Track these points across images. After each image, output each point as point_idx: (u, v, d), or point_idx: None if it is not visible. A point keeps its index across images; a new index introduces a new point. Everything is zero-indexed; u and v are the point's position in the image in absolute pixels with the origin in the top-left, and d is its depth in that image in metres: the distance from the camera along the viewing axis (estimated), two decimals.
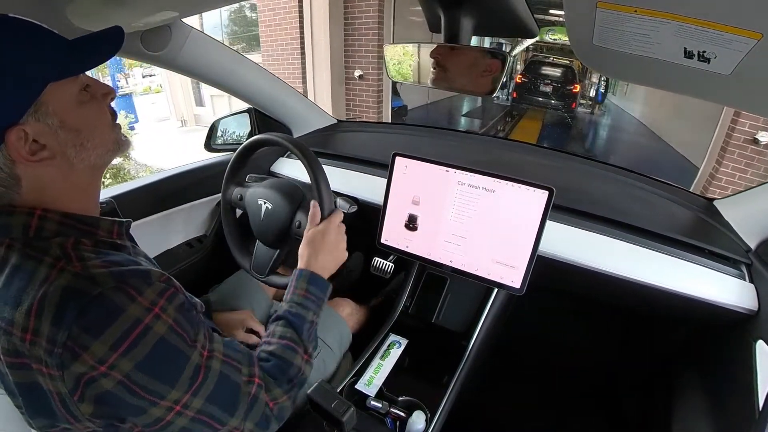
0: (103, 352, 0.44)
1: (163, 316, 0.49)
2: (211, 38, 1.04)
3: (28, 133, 0.48)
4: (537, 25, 0.81)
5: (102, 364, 0.44)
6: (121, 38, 0.56)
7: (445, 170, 0.92)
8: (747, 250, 0.88)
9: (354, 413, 0.66)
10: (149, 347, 0.47)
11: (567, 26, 0.53)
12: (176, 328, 0.50)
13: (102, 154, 0.56)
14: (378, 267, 1.04)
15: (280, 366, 0.64)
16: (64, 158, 0.52)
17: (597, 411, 1.29)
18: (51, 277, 0.46)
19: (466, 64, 0.77)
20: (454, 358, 0.93)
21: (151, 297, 0.48)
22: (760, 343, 0.75)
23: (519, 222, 0.86)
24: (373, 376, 0.88)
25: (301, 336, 0.69)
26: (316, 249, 0.79)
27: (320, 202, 0.84)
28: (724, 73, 0.43)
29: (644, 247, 0.88)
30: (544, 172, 1.15)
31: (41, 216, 0.50)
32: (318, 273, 0.76)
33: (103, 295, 0.45)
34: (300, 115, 1.42)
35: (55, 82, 0.49)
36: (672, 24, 0.39)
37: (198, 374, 0.51)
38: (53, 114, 0.50)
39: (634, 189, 1.10)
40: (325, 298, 0.76)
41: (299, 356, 0.67)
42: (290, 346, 0.67)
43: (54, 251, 0.48)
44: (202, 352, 0.53)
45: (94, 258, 0.49)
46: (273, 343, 0.67)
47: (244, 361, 0.59)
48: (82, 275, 0.46)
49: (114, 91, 0.59)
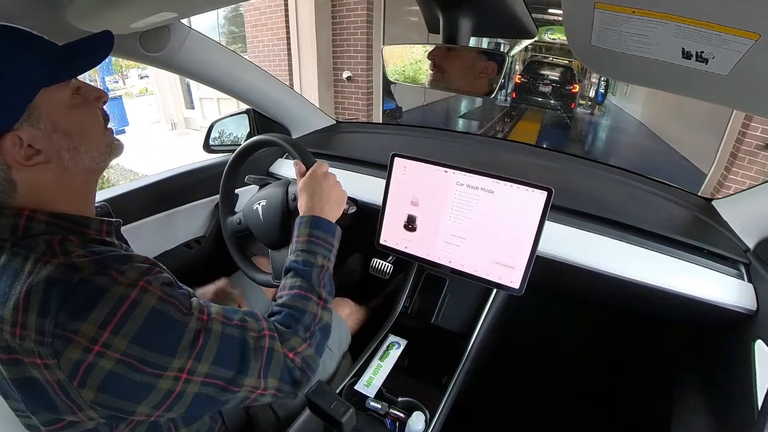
0: (94, 331, 0.44)
1: (150, 288, 0.49)
2: (210, 39, 1.04)
3: (22, 138, 0.48)
4: (535, 24, 0.82)
5: (95, 344, 0.44)
6: (111, 42, 0.57)
7: (444, 171, 0.92)
8: (745, 249, 0.88)
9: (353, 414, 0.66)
10: (141, 319, 0.46)
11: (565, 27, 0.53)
12: (166, 298, 0.50)
13: (95, 157, 0.57)
14: (377, 268, 1.04)
15: (292, 315, 0.62)
16: (59, 162, 0.53)
17: (596, 411, 1.29)
18: (35, 271, 0.46)
19: (464, 65, 0.77)
20: (454, 358, 0.93)
21: (134, 275, 0.48)
22: (758, 343, 0.75)
23: (518, 222, 0.86)
24: (373, 376, 0.88)
25: (311, 282, 0.67)
26: (311, 194, 0.77)
27: (302, 160, 0.83)
28: (722, 73, 0.43)
29: (643, 247, 0.88)
30: (543, 173, 1.15)
31: (29, 216, 0.51)
32: (319, 215, 0.74)
33: (84, 280, 0.46)
34: (299, 116, 1.42)
35: (47, 87, 0.50)
36: (670, 24, 0.39)
37: (198, 338, 0.50)
38: (46, 118, 0.50)
39: (632, 189, 1.10)
40: (334, 239, 0.74)
41: (312, 302, 0.65)
42: (300, 294, 0.65)
43: (40, 247, 0.49)
44: (201, 317, 0.52)
45: (78, 250, 0.50)
46: (283, 295, 0.66)
47: (248, 317, 0.57)
48: (64, 265, 0.47)
49: (106, 95, 0.59)
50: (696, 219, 0.99)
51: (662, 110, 6.91)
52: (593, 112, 9.61)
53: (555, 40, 8.64)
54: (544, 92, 8.23)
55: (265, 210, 0.95)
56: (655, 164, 5.65)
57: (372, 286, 1.35)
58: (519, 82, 8.55)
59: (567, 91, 8.16)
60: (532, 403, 1.32)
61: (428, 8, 0.79)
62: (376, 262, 1.05)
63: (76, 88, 0.54)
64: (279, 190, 0.95)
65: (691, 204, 1.05)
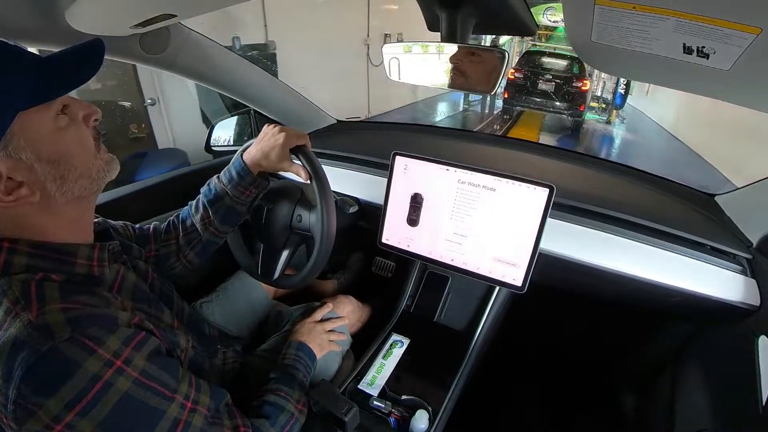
0: (58, 410, 0.40)
1: (127, 370, 0.44)
2: (211, 40, 1.04)
3: (0, 171, 0.42)
4: (531, 10, 0.81)
5: (58, 423, 0.40)
6: (102, 53, 0.50)
7: (446, 169, 0.92)
8: (748, 245, 0.88)
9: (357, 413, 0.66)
10: (110, 406, 0.42)
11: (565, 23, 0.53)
12: (144, 381, 0.45)
13: (86, 185, 0.50)
14: (380, 266, 1.04)
15: (273, 411, 0.65)
16: (45, 194, 0.47)
17: (600, 408, 1.29)
18: (4, 326, 0.42)
19: (485, 69, 0.77)
20: (457, 356, 0.93)
21: (113, 347, 0.43)
22: (762, 339, 0.75)
23: (520, 220, 0.86)
24: (376, 375, 0.89)
25: (293, 389, 0.71)
26: (305, 333, 0.88)
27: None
28: (724, 68, 0.43)
29: (645, 243, 0.88)
30: (545, 170, 1.15)
31: (9, 249, 0.46)
32: (306, 343, 0.84)
33: (55, 349, 0.40)
34: (299, 115, 1.42)
35: (25, 111, 0.43)
36: (671, 20, 0.39)
37: (175, 429, 0.46)
38: (27, 146, 0.44)
39: (634, 185, 1.10)
40: (312, 365, 0.82)
41: (291, 404, 0.68)
42: (282, 395, 0.69)
43: (13, 293, 0.43)
44: (185, 404, 0.48)
45: (56, 299, 0.44)
46: (266, 393, 0.69)
47: (225, 414, 0.56)
48: (34, 324, 0.41)
49: (98, 111, 0.52)
50: (699, 215, 0.99)
51: (701, 118, 4.90)
52: (609, 120, 7.47)
53: (556, 22, 7.02)
54: (545, 91, 6.50)
55: (268, 214, 0.95)
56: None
57: (375, 285, 1.35)
58: (513, 79, 6.69)
59: (575, 90, 6.36)
60: (536, 400, 1.32)
61: (428, 6, 0.79)
62: (379, 261, 1.05)
63: (61, 106, 0.47)
64: (286, 204, 0.95)
65: (694, 200, 1.04)
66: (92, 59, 0.49)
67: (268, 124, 0.83)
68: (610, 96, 7.90)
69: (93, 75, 0.49)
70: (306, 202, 0.93)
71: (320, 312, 0.95)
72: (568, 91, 6.39)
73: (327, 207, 0.81)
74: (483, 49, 0.76)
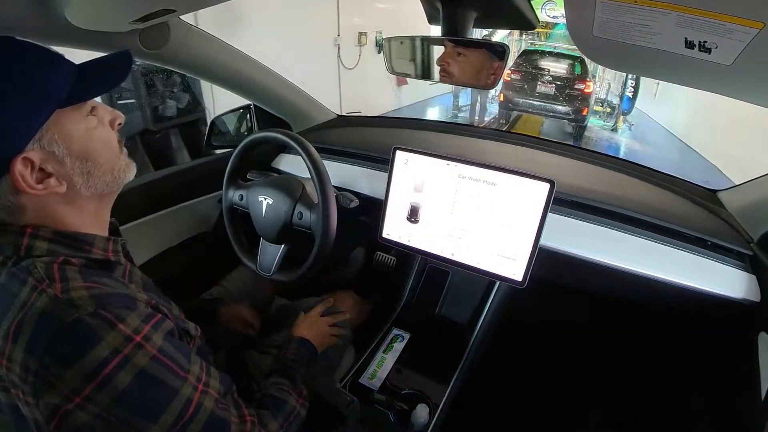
0: (77, 382, 0.42)
1: (146, 346, 0.46)
2: (210, 34, 1.03)
3: (34, 161, 0.46)
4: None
5: (76, 395, 0.42)
6: (131, 62, 0.56)
7: (446, 163, 0.92)
8: (750, 241, 0.87)
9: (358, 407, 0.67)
10: (128, 380, 0.44)
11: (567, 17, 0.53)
12: (161, 357, 0.47)
13: (109, 182, 0.55)
14: (381, 261, 1.05)
15: (276, 403, 0.66)
16: (72, 187, 0.51)
17: (601, 403, 1.30)
18: (30, 301, 0.44)
19: (473, 67, 0.77)
20: (457, 351, 0.94)
21: (133, 324, 0.46)
22: (762, 335, 0.75)
23: (520, 215, 0.86)
24: (377, 369, 0.89)
25: (295, 383, 0.72)
26: (307, 327, 0.89)
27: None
28: (725, 63, 0.43)
29: (646, 238, 0.88)
30: (546, 165, 1.15)
31: (32, 234, 0.49)
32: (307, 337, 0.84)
33: (79, 320, 0.43)
34: (300, 111, 1.41)
35: (63, 108, 0.48)
36: (673, 14, 0.39)
37: (187, 409, 0.48)
38: (60, 141, 0.48)
39: (635, 181, 1.09)
40: (313, 359, 0.83)
41: (293, 398, 0.69)
42: (284, 389, 0.70)
43: (37, 272, 0.46)
44: (197, 386, 0.50)
45: (78, 279, 0.47)
46: (268, 386, 0.70)
47: (231, 402, 0.57)
48: (60, 299, 0.44)
49: (122, 116, 0.57)
50: (700, 210, 0.99)
51: (722, 123, 4.14)
52: (615, 127, 6.76)
53: (556, 17, 6.44)
54: (545, 93, 6.03)
55: (269, 208, 0.95)
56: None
57: (375, 279, 1.35)
58: (510, 80, 6.22)
59: (577, 92, 5.91)
60: (536, 395, 1.33)
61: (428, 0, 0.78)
62: (380, 256, 1.05)
63: (90, 108, 0.52)
64: (287, 200, 0.94)
65: (696, 195, 1.04)
66: (121, 67, 0.55)
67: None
68: (616, 99, 7.11)
69: (122, 81, 0.56)
70: (308, 200, 0.93)
71: (321, 307, 0.96)
72: (569, 94, 5.91)
73: (327, 206, 0.81)
74: (483, 43, 0.76)
